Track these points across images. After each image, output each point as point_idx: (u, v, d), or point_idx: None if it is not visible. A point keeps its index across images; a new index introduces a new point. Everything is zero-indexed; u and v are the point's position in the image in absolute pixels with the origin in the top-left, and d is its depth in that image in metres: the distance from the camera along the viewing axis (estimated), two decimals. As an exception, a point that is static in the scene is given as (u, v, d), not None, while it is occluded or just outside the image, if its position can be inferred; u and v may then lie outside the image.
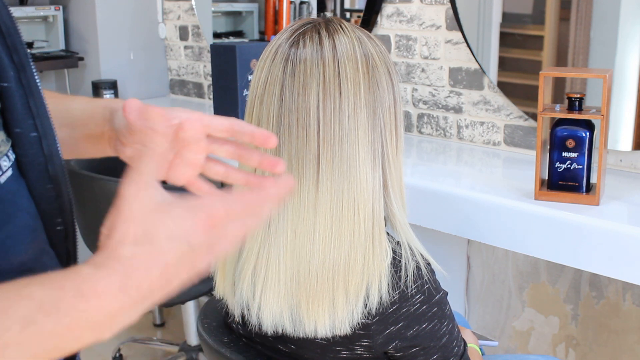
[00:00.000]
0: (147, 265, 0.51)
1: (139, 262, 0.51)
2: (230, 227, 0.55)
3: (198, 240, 0.52)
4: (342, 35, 0.94)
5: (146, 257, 0.51)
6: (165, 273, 0.52)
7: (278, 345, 1.03)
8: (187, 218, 0.52)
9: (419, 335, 0.96)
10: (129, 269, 0.50)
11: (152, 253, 0.51)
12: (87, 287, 0.50)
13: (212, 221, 0.53)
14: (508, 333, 2.07)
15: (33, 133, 0.65)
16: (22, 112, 0.64)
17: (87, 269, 0.51)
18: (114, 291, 0.50)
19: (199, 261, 0.54)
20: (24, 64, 0.65)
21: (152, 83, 2.83)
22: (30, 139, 0.65)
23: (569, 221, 1.32)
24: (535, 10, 1.78)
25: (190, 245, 0.52)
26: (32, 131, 0.65)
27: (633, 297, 1.78)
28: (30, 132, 0.65)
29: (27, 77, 0.65)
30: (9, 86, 0.63)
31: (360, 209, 0.92)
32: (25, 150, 0.65)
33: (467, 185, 1.58)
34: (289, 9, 2.44)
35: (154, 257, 0.51)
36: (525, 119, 1.81)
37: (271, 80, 0.93)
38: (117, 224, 0.52)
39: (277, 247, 0.93)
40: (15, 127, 0.64)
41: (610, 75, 1.35)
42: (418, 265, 0.95)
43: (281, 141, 0.92)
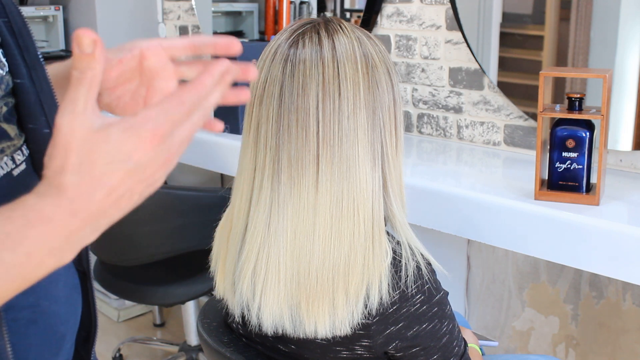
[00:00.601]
0: (89, 190, 0.51)
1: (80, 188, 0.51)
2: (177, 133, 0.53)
3: (145, 157, 0.52)
4: (341, 36, 0.94)
5: (86, 183, 0.51)
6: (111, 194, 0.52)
7: (278, 346, 1.03)
8: (128, 139, 0.51)
9: (419, 335, 0.96)
10: (71, 195, 0.51)
11: (92, 179, 0.51)
12: (33, 215, 0.51)
13: (157, 137, 0.52)
14: (508, 333, 2.07)
15: (45, 129, 0.66)
16: (35, 109, 0.66)
17: (31, 199, 0.52)
18: (61, 215, 0.51)
19: (154, 174, 0.54)
20: (34, 63, 0.67)
21: (152, 83, 2.83)
22: (43, 135, 0.66)
23: (569, 221, 1.32)
24: (535, 10, 1.78)
25: (135, 163, 0.52)
26: (45, 128, 0.66)
27: (633, 297, 1.78)
28: (43, 129, 0.66)
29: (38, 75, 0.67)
30: (23, 82, 0.65)
31: (360, 209, 0.92)
32: (38, 146, 0.66)
33: (467, 185, 1.58)
34: (289, 9, 2.44)
35: (95, 182, 0.51)
36: (525, 119, 1.81)
37: (270, 80, 0.93)
38: (55, 154, 0.52)
39: (277, 248, 0.93)
40: (29, 122, 0.66)
41: (610, 75, 1.35)
42: (418, 265, 0.95)
43: (281, 141, 0.92)
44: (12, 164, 0.63)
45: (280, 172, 0.92)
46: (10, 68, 0.65)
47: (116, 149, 0.51)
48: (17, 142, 0.65)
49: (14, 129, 0.65)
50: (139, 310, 2.89)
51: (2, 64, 0.64)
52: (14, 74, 0.65)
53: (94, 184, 0.51)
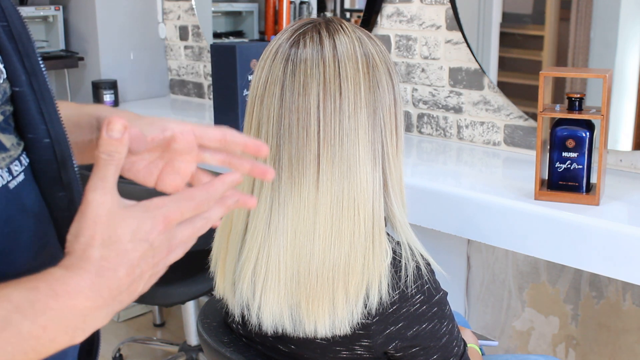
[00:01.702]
0: (114, 265, 0.53)
1: (107, 263, 0.53)
2: (179, 229, 0.57)
3: (158, 239, 0.55)
4: (342, 35, 0.94)
5: (114, 258, 0.53)
6: (131, 273, 0.54)
7: (278, 345, 1.03)
8: (147, 220, 0.55)
9: (419, 335, 0.96)
10: (99, 269, 0.53)
11: (118, 254, 0.53)
12: (59, 287, 0.52)
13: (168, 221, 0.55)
14: (508, 333, 2.07)
15: (46, 139, 0.65)
16: (35, 118, 0.65)
17: (59, 271, 0.53)
18: (85, 290, 0.52)
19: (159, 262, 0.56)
20: (35, 69, 0.65)
21: (152, 83, 2.83)
22: (43, 145, 0.65)
23: (569, 221, 1.32)
24: (535, 10, 1.78)
25: (151, 244, 0.55)
26: (45, 137, 0.65)
27: (633, 297, 1.78)
28: (43, 138, 0.65)
29: (39, 82, 0.66)
30: (22, 90, 0.64)
31: (360, 209, 0.93)
32: (38, 156, 0.65)
33: (467, 185, 1.58)
34: (289, 9, 2.44)
35: (121, 257, 0.53)
36: (525, 119, 1.81)
37: (271, 80, 0.93)
38: (84, 228, 0.54)
39: (277, 247, 0.93)
40: (28, 132, 0.65)
41: (610, 75, 1.35)
42: (418, 265, 0.95)
43: (281, 141, 0.92)
44: (8, 175, 0.62)
45: (280, 172, 0.93)
46: (9, 75, 0.64)
47: (138, 227, 0.54)
48: (13, 152, 0.63)
49: (11, 139, 0.63)
50: (139, 310, 2.89)
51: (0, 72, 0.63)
52: (12, 81, 0.64)
53: (120, 259, 0.54)
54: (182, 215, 0.57)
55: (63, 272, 0.53)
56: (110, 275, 0.53)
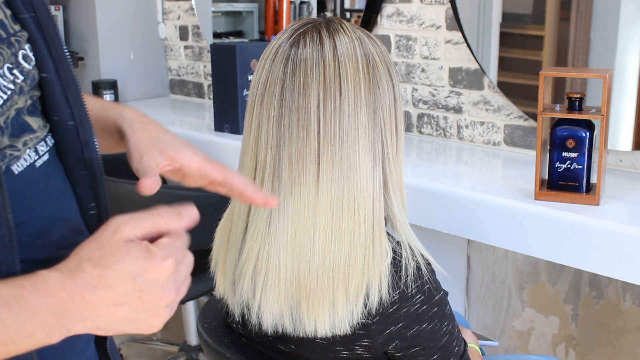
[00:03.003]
0: (94, 281, 0.56)
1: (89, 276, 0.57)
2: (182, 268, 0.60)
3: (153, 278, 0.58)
4: (342, 35, 0.94)
5: (96, 276, 0.57)
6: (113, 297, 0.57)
7: (278, 345, 1.03)
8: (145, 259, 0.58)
9: (419, 335, 0.96)
10: (79, 279, 0.56)
11: (101, 275, 0.56)
12: (41, 285, 0.56)
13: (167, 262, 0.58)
14: (508, 333, 2.07)
15: (70, 122, 0.71)
16: (60, 102, 0.71)
17: (45, 272, 0.57)
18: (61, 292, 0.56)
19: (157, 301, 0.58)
20: (60, 58, 0.71)
21: (152, 83, 2.83)
22: (67, 127, 0.71)
23: (569, 221, 1.32)
24: (535, 10, 1.78)
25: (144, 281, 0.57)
26: (70, 120, 0.71)
27: (633, 297, 1.78)
28: (67, 121, 0.71)
29: (64, 69, 0.72)
30: (49, 76, 0.70)
31: (360, 209, 0.93)
32: (63, 137, 0.71)
33: (467, 185, 1.58)
34: (289, 9, 2.44)
35: (103, 279, 0.56)
36: (525, 119, 1.81)
37: (272, 80, 0.93)
38: (91, 243, 0.59)
39: (277, 247, 0.93)
40: (54, 115, 0.71)
41: (610, 75, 1.35)
42: (418, 265, 0.95)
43: (281, 141, 0.92)
44: (35, 155, 0.67)
45: (280, 172, 0.93)
46: (37, 62, 0.69)
47: (133, 262, 0.57)
48: (40, 134, 0.69)
49: (38, 121, 0.69)
50: (138, 310, 2.88)
51: (30, 59, 0.68)
52: (40, 68, 0.69)
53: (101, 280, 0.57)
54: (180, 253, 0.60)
55: (48, 272, 0.57)
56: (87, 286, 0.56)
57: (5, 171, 0.63)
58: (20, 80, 0.66)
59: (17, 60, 0.66)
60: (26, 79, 0.67)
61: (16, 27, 0.67)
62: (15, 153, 0.65)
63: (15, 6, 0.68)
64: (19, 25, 0.68)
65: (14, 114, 0.66)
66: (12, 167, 0.64)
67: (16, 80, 0.66)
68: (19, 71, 0.66)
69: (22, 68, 0.67)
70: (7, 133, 0.64)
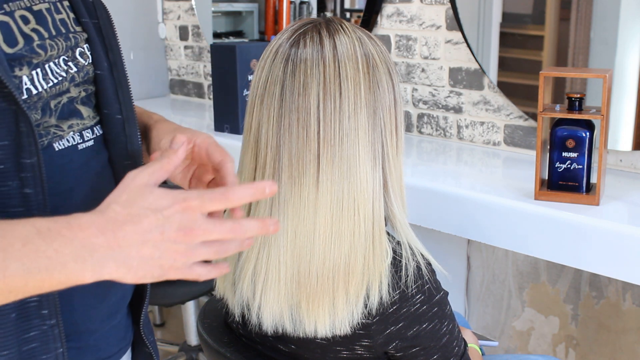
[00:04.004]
0: (124, 218, 0.63)
1: (119, 216, 0.63)
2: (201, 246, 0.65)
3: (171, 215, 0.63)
4: (342, 35, 0.94)
5: (126, 215, 0.63)
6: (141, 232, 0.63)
7: (278, 345, 1.03)
8: (165, 197, 0.64)
9: (420, 335, 0.96)
10: (110, 217, 0.63)
11: (131, 213, 0.63)
12: (74, 221, 0.63)
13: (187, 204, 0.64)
14: (508, 333, 2.07)
15: (118, 115, 0.81)
16: (111, 97, 0.81)
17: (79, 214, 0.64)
18: (92, 226, 0.62)
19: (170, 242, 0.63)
20: (116, 61, 0.83)
21: (152, 83, 2.83)
22: (115, 120, 0.81)
23: (569, 221, 1.32)
24: (535, 10, 1.78)
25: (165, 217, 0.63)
26: (118, 114, 0.81)
27: (633, 297, 1.79)
28: (115, 115, 0.81)
29: (119, 71, 0.83)
30: (102, 74, 0.81)
31: (360, 209, 0.93)
32: (110, 129, 0.81)
33: (467, 185, 1.58)
34: (289, 9, 2.44)
35: (130, 216, 0.63)
36: (525, 119, 1.81)
37: (272, 80, 0.93)
38: (116, 191, 0.66)
39: (277, 247, 0.93)
40: (104, 108, 0.81)
41: (610, 75, 1.35)
42: (418, 265, 0.95)
43: (281, 141, 0.92)
44: (79, 138, 0.78)
45: (280, 172, 0.93)
46: (94, 61, 0.80)
47: (155, 200, 0.64)
48: (88, 122, 0.79)
49: (88, 111, 0.79)
50: (138, 310, 2.88)
51: (86, 56, 0.79)
52: (95, 65, 0.80)
53: (128, 217, 0.63)
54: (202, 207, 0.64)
55: (81, 214, 0.63)
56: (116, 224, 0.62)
57: (46, 145, 0.73)
58: (73, 71, 0.77)
59: (73, 54, 0.77)
60: (79, 71, 0.78)
61: (77, 28, 0.79)
62: (59, 132, 0.75)
63: (78, 11, 0.80)
64: (80, 27, 0.80)
65: (66, 101, 0.76)
66: (54, 144, 0.75)
67: (69, 71, 0.76)
68: (74, 64, 0.77)
69: (77, 62, 0.78)
70: (55, 115, 0.75)
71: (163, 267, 0.64)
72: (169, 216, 0.63)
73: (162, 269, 0.64)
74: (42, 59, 0.72)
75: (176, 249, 0.64)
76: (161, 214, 0.63)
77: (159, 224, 0.63)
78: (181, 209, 0.64)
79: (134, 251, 0.63)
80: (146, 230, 0.63)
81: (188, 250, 0.64)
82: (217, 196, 0.65)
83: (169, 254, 0.64)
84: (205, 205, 0.65)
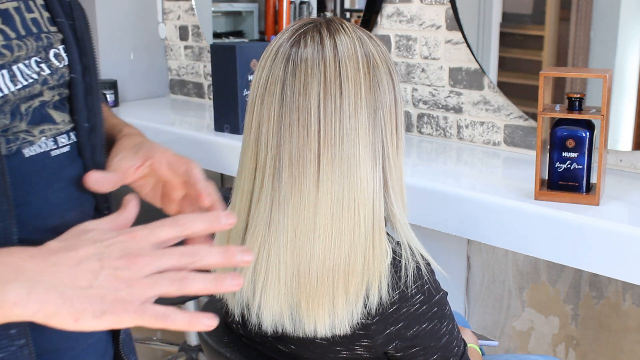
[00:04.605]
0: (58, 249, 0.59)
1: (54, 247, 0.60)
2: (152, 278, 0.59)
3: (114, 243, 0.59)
4: (343, 35, 0.94)
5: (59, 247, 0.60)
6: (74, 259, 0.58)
7: (278, 345, 1.03)
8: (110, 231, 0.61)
9: (419, 336, 0.96)
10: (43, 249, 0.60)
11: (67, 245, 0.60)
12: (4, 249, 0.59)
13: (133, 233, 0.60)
14: (508, 333, 2.07)
15: (86, 124, 0.77)
16: (81, 103, 0.76)
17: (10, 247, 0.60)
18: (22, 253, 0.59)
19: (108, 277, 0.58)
20: (89, 66, 0.78)
21: (152, 83, 2.83)
22: (83, 128, 0.76)
23: (569, 221, 1.32)
24: (535, 10, 1.78)
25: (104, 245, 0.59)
26: (85, 122, 0.77)
27: (633, 297, 1.78)
28: (84, 122, 0.77)
29: (91, 77, 0.78)
30: (77, 77, 0.76)
31: (360, 209, 0.93)
32: (80, 137, 0.76)
33: (467, 185, 1.58)
34: (289, 9, 2.44)
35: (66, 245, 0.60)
36: (525, 119, 1.81)
37: (272, 79, 0.93)
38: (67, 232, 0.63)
39: (277, 247, 0.93)
40: (75, 114, 0.76)
41: (610, 75, 1.35)
42: (418, 265, 0.95)
43: (282, 140, 0.92)
44: (52, 144, 0.72)
45: (281, 171, 0.93)
46: (70, 63, 0.75)
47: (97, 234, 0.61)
48: (62, 127, 0.74)
49: (63, 116, 0.75)
50: (138, 310, 2.88)
51: (62, 58, 0.74)
52: (71, 69, 0.75)
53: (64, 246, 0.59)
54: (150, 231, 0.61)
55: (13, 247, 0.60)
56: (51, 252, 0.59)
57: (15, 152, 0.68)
58: (46, 73, 0.72)
59: (47, 56, 0.72)
60: (53, 74, 0.73)
61: (52, 28, 0.74)
62: (29, 138, 0.70)
63: (53, 10, 0.75)
64: (55, 28, 0.74)
65: (38, 105, 0.72)
66: (24, 150, 0.69)
67: (42, 73, 0.72)
68: (47, 66, 0.72)
69: (51, 64, 0.73)
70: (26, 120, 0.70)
71: (105, 300, 0.57)
72: (111, 244, 0.59)
73: (103, 302, 0.57)
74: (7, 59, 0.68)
75: (118, 276, 0.57)
76: (101, 243, 0.59)
77: (97, 252, 0.58)
78: (126, 238, 0.59)
79: (67, 277, 0.57)
80: (82, 257, 0.58)
81: (133, 278, 0.58)
82: (167, 222, 0.61)
83: (109, 282, 0.57)
84: (154, 232, 0.60)
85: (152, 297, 0.58)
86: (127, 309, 0.57)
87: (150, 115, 2.49)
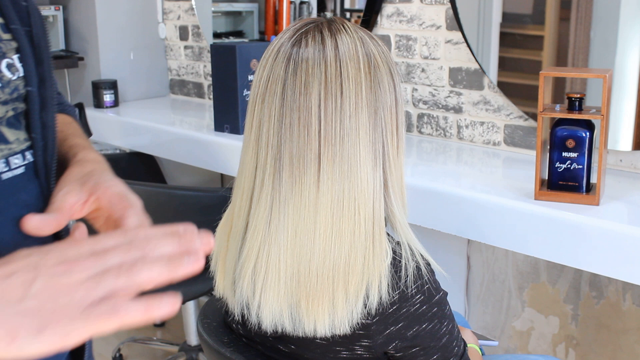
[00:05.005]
0: None
1: None
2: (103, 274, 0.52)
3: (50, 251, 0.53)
4: (344, 35, 0.94)
5: None
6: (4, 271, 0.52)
7: (278, 345, 1.03)
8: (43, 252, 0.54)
9: (419, 336, 0.96)
10: None
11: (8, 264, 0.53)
12: None
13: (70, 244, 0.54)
14: (508, 333, 2.07)
15: (41, 142, 0.69)
16: (36, 119, 0.68)
17: None
18: None
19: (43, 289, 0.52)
20: (45, 77, 0.70)
21: (152, 83, 2.83)
22: (39, 146, 0.69)
23: (569, 221, 1.32)
24: (535, 10, 1.78)
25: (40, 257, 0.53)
26: (40, 140, 0.69)
27: (633, 297, 1.78)
28: (39, 140, 0.69)
29: (45, 89, 0.70)
30: (33, 90, 0.68)
31: (360, 209, 0.93)
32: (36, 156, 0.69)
33: (467, 185, 1.58)
34: (289, 9, 2.44)
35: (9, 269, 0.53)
36: (525, 119, 1.81)
37: (273, 79, 0.93)
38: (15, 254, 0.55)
39: (277, 246, 0.93)
40: (32, 131, 0.69)
41: (610, 75, 1.35)
42: (418, 265, 0.95)
43: (282, 140, 0.92)
44: (4, 166, 0.65)
45: (281, 171, 0.93)
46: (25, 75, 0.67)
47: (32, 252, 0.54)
48: (15, 146, 0.66)
49: (17, 134, 0.67)
50: (138, 310, 2.88)
51: (15, 69, 0.66)
52: (26, 81, 0.67)
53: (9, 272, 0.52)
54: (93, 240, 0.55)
55: None
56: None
57: None
58: None
59: None
60: (4, 87, 0.65)
61: (5, 36, 0.66)
62: None
63: (8, 16, 0.66)
64: (9, 35, 0.66)
65: None
66: None
67: None
68: None
69: (3, 76, 0.64)
70: None
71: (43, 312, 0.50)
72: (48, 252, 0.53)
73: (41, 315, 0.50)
74: None
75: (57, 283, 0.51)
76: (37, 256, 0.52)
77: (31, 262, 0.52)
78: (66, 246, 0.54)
79: None
80: (13, 270, 0.51)
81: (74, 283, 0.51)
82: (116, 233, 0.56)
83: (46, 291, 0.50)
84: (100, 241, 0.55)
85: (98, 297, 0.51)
86: (72, 317, 0.50)
87: (150, 115, 2.49)
